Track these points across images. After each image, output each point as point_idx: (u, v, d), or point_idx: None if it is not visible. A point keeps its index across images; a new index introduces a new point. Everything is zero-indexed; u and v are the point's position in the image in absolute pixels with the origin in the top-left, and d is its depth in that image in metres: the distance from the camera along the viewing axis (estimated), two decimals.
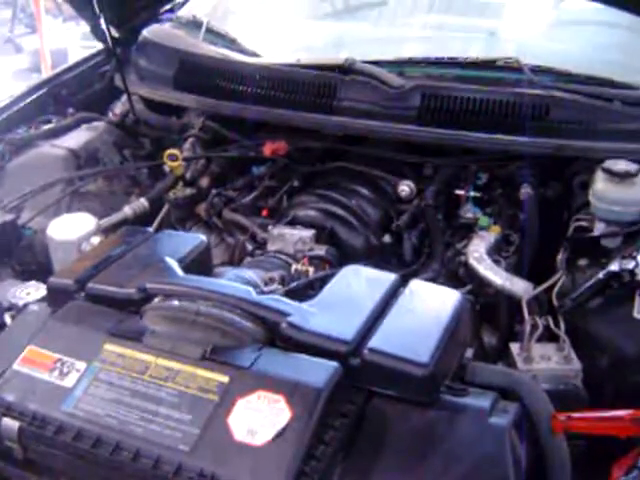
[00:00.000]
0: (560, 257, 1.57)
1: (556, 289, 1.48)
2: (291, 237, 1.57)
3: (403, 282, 1.32)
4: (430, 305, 1.28)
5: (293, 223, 1.66)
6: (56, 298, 1.35)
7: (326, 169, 1.91)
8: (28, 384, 1.15)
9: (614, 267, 1.45)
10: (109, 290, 1.31)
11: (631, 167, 1.60)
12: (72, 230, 1.66)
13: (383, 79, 1.87)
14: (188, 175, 1.95)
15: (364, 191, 1.81)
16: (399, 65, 1.97)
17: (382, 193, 1.83)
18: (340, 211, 1.70)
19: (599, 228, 1.62)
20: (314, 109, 1.89)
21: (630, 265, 1.44)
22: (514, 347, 1.39)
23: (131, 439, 1.06)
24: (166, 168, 1.98)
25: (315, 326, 1.18)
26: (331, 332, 1.18)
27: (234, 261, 1.65)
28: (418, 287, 1.32)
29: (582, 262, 1.61)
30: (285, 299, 1.25)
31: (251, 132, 2.03)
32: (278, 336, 1.18)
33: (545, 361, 1.35)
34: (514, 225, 1.73)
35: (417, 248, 1.71)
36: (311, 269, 1.37)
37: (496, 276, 1.53)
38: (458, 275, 1.60)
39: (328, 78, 1.90)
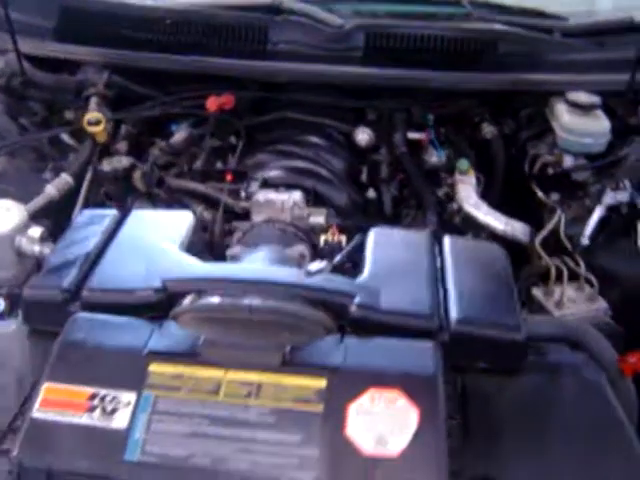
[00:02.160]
0: (551, 197, 1.55)
1: (562, 229, 1.46)
2: (282, 203, 1.37)
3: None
4: (480, 261, 1.18)
5: (267, 187, 1.46)
6: (36, 314, 1.07)
7: (267, 121, 1.71)
8: (64, 435, 0.89)
9: (609, 200, 1.45)
10: (115, 295, 1.05)
11: (594, 99, 1.61)
12: None
13: (320, 18, 1.70)
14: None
15: (320, 142, 1.65)
16: (326, 2, 1.80)
17: (336, 143, 1.68)
18: (314, 167, 1.53)
19: (567, 161, 1.62)
20: (245, 55, 1.68)
21: (624, 196, 1.45)
22: (537, 293, 1.35)
23: (237, 478, 0.86)
24: (64, 137, 1.67)
25: (388, 304, 1.04)
26: (409, 308, 1.04)
27: (213, 238, 1.41)
28: (452, 243, 1.21)
29: (554, 197, 1.61)
30: (339, 277, 1.09)
31: (166, 86, 1.75)
32: (347, 321, 1.03)
33: (574, 303, 1.33)
34: (478, 166, 1.68)
35: (397, 200, 1.60)
36: (343, 238, 1.20)
37: (497, 221, 1.47)
38: (453, 224, 1.52)
39: (257, 19, 1.69)
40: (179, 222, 1.23)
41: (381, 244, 1.19)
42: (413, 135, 1.68)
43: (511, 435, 0.98)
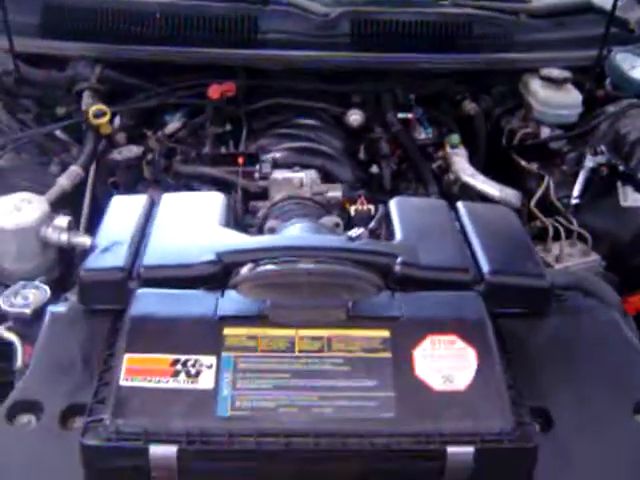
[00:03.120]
0: (533, 165, 1.67)
1: (552, 192, 1.58)
2: (300, 180, 1.44)
3: None
4: (495, 221, 1.30)
5: (277, 168, 1.53)
6: (94, 294, 1.11)
7: (259, 108, 1.78)
8: (154, 399, 0.94)
9: (590, 164, 1.59)
10: (171, 270, 1.11)
11: (566, 73, 1.75)
12: (23, 214, 1.34)
13: (305, 7, 1.78)
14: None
15: (316, 124, 1.73)
16: None
17: (330, 124, 1.77)
18: (318, 147, 1.61)
19: (544, 132, 1.76)
20: (236, 45, 1.74)
21: (603, 159, 1.59)
22: (537, 249, 1.47)
23: (325, 423, 0.93)
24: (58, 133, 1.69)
25: (426, 261, 1.13)
26: (446, 264, 1.14)
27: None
28: (467, 207, 1.32)
29: (534, 166, 1.75)
30: (377, 241, 1.17)
31: (158, 78, 1.79)
32: (392, 279, 1.11)
33: (571, 257, 1.46)
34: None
35: (395, 175, 1.70)
36: (372, 207, 1.29)
37: (492, 189, 1.59)
38: (451, 193, 1.63)
39: (247, 10, 1.75)
40: (212, 202, 1.28)
41: (405, 211, 1.28)
42: (402, 115, 1.78)
43: (546, 369, 1.09)
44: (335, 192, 1.46)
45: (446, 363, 0.99)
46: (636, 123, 1.62)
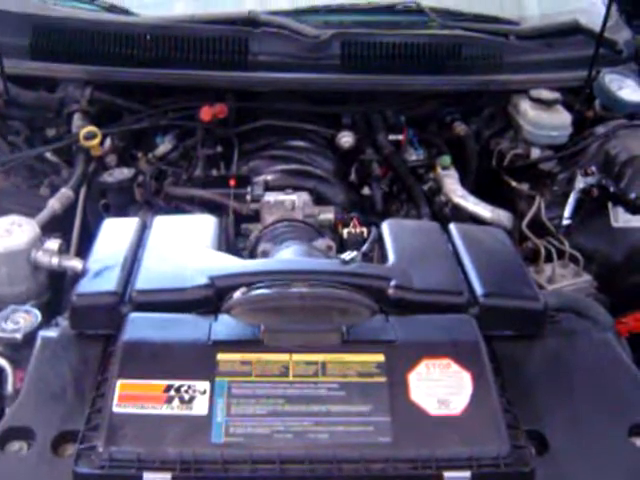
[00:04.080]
0: (524, 186, 1.68)
1: (543, 213, 1.59)
2: (292, 203, 1.44)
3: None
4: (487, 243, 1.30)
5: (269, 190, 1.53)
6: (86, 319, 1.10)
7: (249, 130, 1.78)
8: (148, 425, 0.93)
9: (581, 184, 1.60)
10: (164, 294, 1.10)
11: (555, 94, 1.77)
12: (13, 238, 1.33)
13: (295, 29, 1.79)
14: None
15: (307, 145, 1.73)
16: (298, 14, 1.89)
17: (321, 146, 1.77)
18: (310, 169, 1.61)
19: (535, 153, 1.77)
20: (227, 67, 1.74)
21: (594, 180, 1.60)
22: (530, 270, 1.48)
23: (321, 449, 0.92)
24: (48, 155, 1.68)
25: (420, 284, 1.13)
26: (439, 286, 1.14)
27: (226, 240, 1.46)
28: (459, 229, 1.32)
29: (524, 186, 1.75)
30: (371, 264, 1.17)
31: (149, 99, 1.79)
32: (386, 302, 1.11)
33: (563, 278, 1.46)
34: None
35: (386, 197, 1.70)
36: (365, 230, 1.29)
37: (485, 210, 1.59)
38: (443, 215, 1.63)
39: (237, 32, 1.76)
40: (203, 225, 1.28)
41: (398, 233, 1.28)
42: (393, 137, 1.79)
43: (541, 391, 1.09)
44: (327, 214, 1.46)
45: (441, 387, 0.98)
46: (626, 143, 1.64)
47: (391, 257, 1.20)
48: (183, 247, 1.20)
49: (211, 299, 1.09)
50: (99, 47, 1.74)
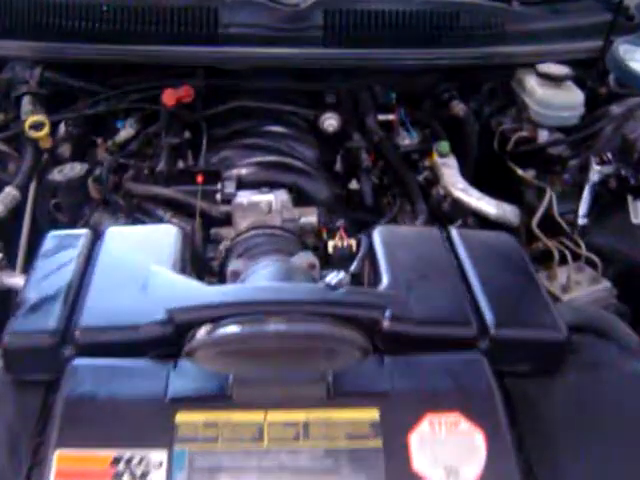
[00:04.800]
0: (530, 173, 1.49)
1: (555, 209, 1.41)
2: (268, 204, 1.24)
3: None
4: (496, 254, 1.11)
5: (242, 187, 1.34)
6: (21, 363, 0.92)
7: (221, 112, 1.57)
8: None
9: (595, 175, 1.42)
10: (113, 333, 0.91)
11: (565, 69, 1.57)
12: None
13: None
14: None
15: (286, 131, 1.53)
16: None
17: (302, 131, 1.57)
18: (288, 160, 1.42)
19: (543, 136, 1.58)
20: (194, 41, 1.53)
21: (611, 169, 1.41)
22: (541, 277, 1.30)
23: None
24: None
25: (420, 313, 0.95)
26: (443, 316, 0.96)
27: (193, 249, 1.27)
28: (463, 237, 1.14)
29: (530, 173, 1.57)
30: (361, 288, 0.99)
31: (107, 79, 1.58)
32: (380, 337, 0.93)
33: (579, 286, 1.29)
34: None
35: (376, 189, 1.51)
36: (353, 242, 1.10)
37: (489, 206, 1.41)
38: (441, 211, 1.44)
39: (206, 2, 1.54)
40: (164, 238, 1.09)
41: (391, 245, 1.09)
42: (383, 117, 1.59)
43: (563, 439, 0.92)
44: (309, 218, 1.27)
45: (449, 451, 0.81)
46: None
47: (385, 278, 1.01)
48: (139, 269, 1.01)
49: (170, 338, 0.90)
50: (49, 20, 1.53)
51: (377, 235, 1.11)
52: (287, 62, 1.56)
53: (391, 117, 1.60)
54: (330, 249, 1.10)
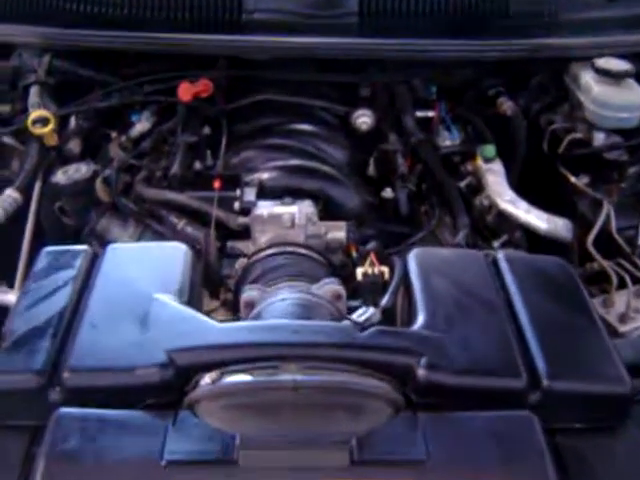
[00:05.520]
0: (583, 179, 1.34)
1: (613, 227, 1.25)
2: (291, 218, 1.11)
3: None
4: (549, 285, 0.97)
5: (263, 194, 1.21)
6: (6, 405, 0.81)
7: (243, 106, 1.44)
8: None
9: None
10: (105, 376, 0.80)
11: (626, 65, 1.40)
12: None
13: None
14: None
15: (314, 130, 1.40)
16: None
17: (333, 129, 1.43)
18: (316, 164, 1.28)
19: (599, 139, 1.41)
20: (215, 28, 1.40)
21: None
22: (595, 303, 1.15)
23: None
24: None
25: (460, 361, 0.82)
26: (488, 364, 0.83)
27: (206, 263, 1.14)
28: (511, 263, 0.99)
29: (584, 180, 1.41)
30: (393, 328, 0.86)
31: (120, 69, 1.46)
32: (415, 388, 0.80)
33: (638, 314, 1.14)
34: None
35: (412, 196, 1.36)
36: (386, 269, 0.96)
37: (539, 220, 1.26)
38: (485, 224, 1.30)
39: None
40: (171, 259, 0.97)
41: (428, 272, 0.96)
42: (421, 113, 1.44)
43: None
44: (337, 233, 1.14)
45: None
46: None
47: (421, 314, 0.88)
48: (140, 297, 0.89)
49: (170, 385, 0.79)
50: (58, 4, 1.40)
51: (413, 260, 0.98)
52: (318, 53, 1.41)
53: (430, 114, 1.45)
54: (359, 276, 0.96)
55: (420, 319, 0.87)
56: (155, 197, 1.26)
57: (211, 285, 1.14)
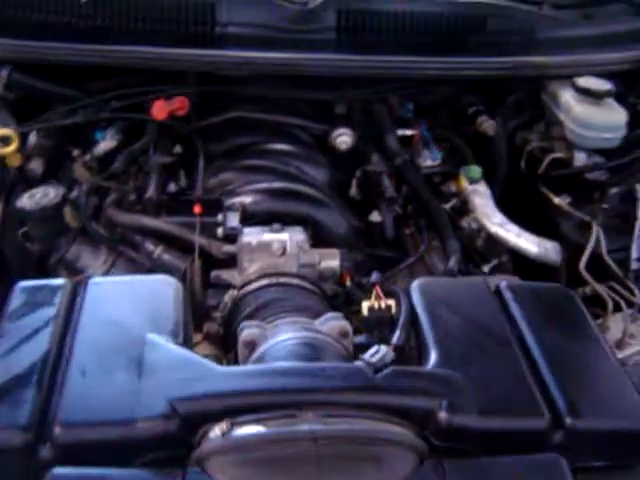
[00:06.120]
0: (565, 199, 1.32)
1: (604, 250, 1.23)
2: (281, 246, 1.05)
3: None
4: (558, 316, 0.94)
5: (247, 219, 1.14)
6: None
7: (218, 124, 1.37)
8: None
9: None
10: (101, 430, 0.72)
11: (607, 85, 1.40)
12: None
13: None
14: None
15: (293, 150, 1.34)
16: None
17: (309, 148, 1.37)
18: (300, 187, 1.23)
19: (580, 159, 1.41)
20: (188, 42, 1.32)
21: None
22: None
23: None
24: None
25: (483, 401, 0.78)
26: (510, 404, 0.79)
27: (190, 294, 1.07)
28: (515, 293, 0.96)
29: (565, 200, 1.40)
30: (410, 369, 0.81)
31: (86, 84, 1.37)
32: (436, 432, 0.75)
33: (634, 339, 1.13)
34: None
35: (398, 221, 1.32)
36: (392, 303, 0.91)
37: (529, 244, 1.23)
38: (474, 247, 1.27)
39: None
40: (162, 295, 0.89)
41: (434, 305, 0.91)
42: (400, 131, 1.40)
43: None
44: (330, 262, 1.08)
45: None
46: None
47: (433, 351, 0.83)
48: (131, 339, 0.82)
49: (175, 439, 0.72)
50: (18, 14, 1.31)
51: (417, 292, 0.93)
52: (294, 68, 1.36)
53: (409, 132, 1.41)
54: (365, 311, 0.91)
55: (433, 357, 0.82)
56: (130, 222, 1.18)
57: (195, 317, 1.07)
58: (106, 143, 1.36)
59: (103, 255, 1.18)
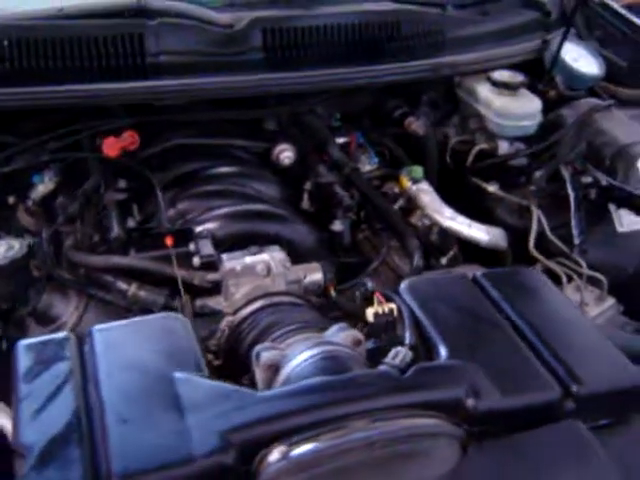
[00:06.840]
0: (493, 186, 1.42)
1: (547, 229, 1.34)
2: (265, 267, 1.07)
3: None
4: (536, 296, 1.03)
5: (218, 244, 1.15)
6: None
7: (157, 154, 1.36)
8: None
9: (571, 188, 1.37)
10: (162, 474, 0.72)
11: (520, 77, 1.51)
12: None
13: (201, 16, 1.38)
14: None
15: (241, 170, 1.35)
16: None
17: (253, 167, 1.39)
18: (265, 208, 1.24)
19: (503, 147, 1.52)
20: (120, 75, 1.31)
21: (589, 180, 1.37)
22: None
23: None
24: None
25: (499, 384, 0.84)
26: (523, 382, 0.86)
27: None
28: (492, 281, 1.03)
29: (492, 187, 1.50)
30: (429, 364, 0.86)
31: (17, 128, 1.32)
32: (466, 418, 0.81)
33: (587, 307, 1.24)
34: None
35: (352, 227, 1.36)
36: (394, 307, 0.95)
37: (480, 233, 1.32)
38: (429, 242, 1.33)
39: (127, 27, 1.32)
40: (172, 333, 0.89)
41: (428, 302, 0.97)
42: (339, 139, 1.45)
43: None
44: (314, 275, 1.12)
45: None
46: (608, 131, 1.42)
47: (441, 346, 0.89)
48: (158, 379, 0.82)
49: (232, 469, 0.73)
50: None
51: (408, 292, 0.98)
52: (228, 91, 1.38)
53: (346, 139, 1.47)
54: (370, 318, 0.95)
55: (443, 351, 0.88)
56: (100, 263, 1.15)
57: None
58: (44, 186, 1.32)
59: (74, 301, 1.15)
